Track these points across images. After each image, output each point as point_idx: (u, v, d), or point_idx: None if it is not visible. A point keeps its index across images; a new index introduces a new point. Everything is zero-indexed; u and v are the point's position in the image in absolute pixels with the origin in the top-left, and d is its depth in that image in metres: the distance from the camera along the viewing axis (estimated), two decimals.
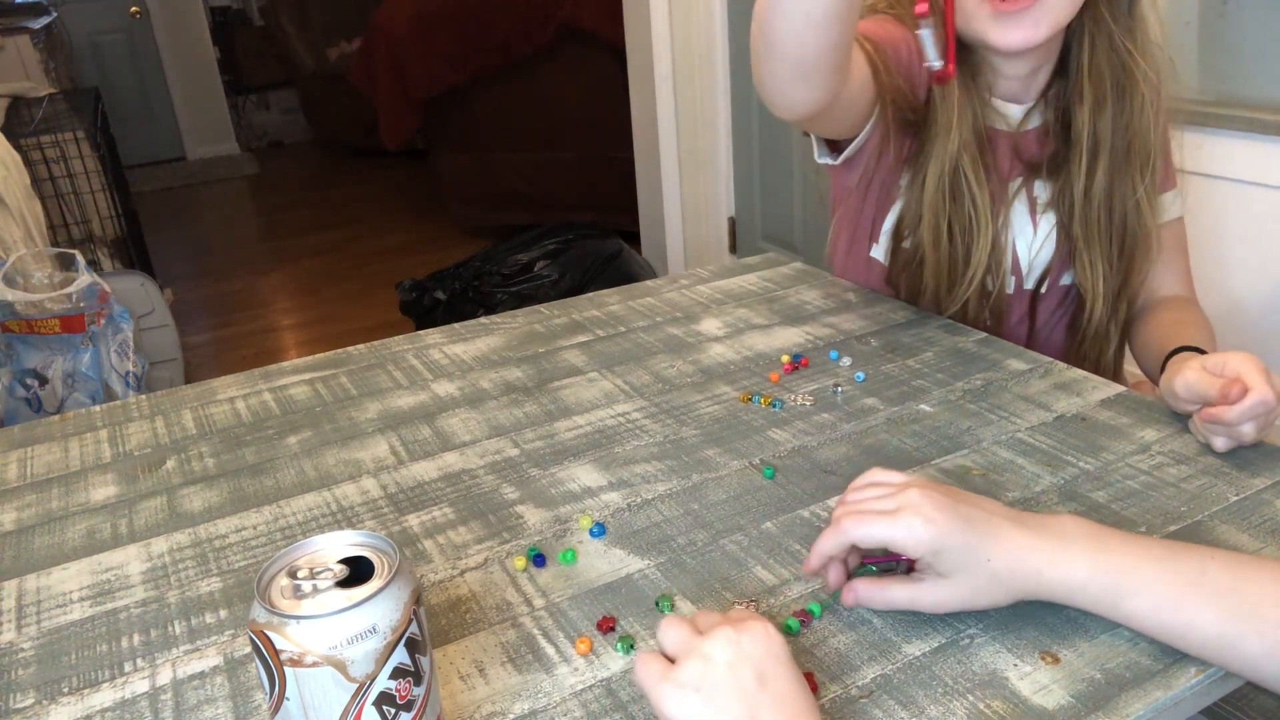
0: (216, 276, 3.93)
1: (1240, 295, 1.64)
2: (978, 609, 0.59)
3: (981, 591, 0.58)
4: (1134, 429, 0.81)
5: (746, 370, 0.96)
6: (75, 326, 2.24)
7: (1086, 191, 0.98)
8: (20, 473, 0.86)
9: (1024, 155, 1.02)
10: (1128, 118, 0.96)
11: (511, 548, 0.71)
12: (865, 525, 0.59)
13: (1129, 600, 0.57)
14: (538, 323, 1.12)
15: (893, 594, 0.60)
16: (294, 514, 0.77)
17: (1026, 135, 1.01)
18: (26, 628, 0.65)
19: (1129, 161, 0.97)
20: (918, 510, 0.57)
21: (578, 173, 3.72)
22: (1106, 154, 0.96)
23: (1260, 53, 1.55)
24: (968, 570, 0.57)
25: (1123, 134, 0.96)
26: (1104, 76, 0.95)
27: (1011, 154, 1.02)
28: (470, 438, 0.87)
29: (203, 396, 0.98)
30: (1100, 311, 1.02)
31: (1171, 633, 0.56)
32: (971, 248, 0.99)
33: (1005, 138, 1.01)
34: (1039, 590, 0.58)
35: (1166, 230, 1.03)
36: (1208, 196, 1.63)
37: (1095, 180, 0.97)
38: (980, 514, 0.58)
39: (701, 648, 0.48)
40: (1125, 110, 0.96)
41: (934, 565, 0.58)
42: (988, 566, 0.57)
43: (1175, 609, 0.56)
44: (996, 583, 0.58)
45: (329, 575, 0.46)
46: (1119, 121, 0.96)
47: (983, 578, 0.58)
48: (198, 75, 5.69)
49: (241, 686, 0.59)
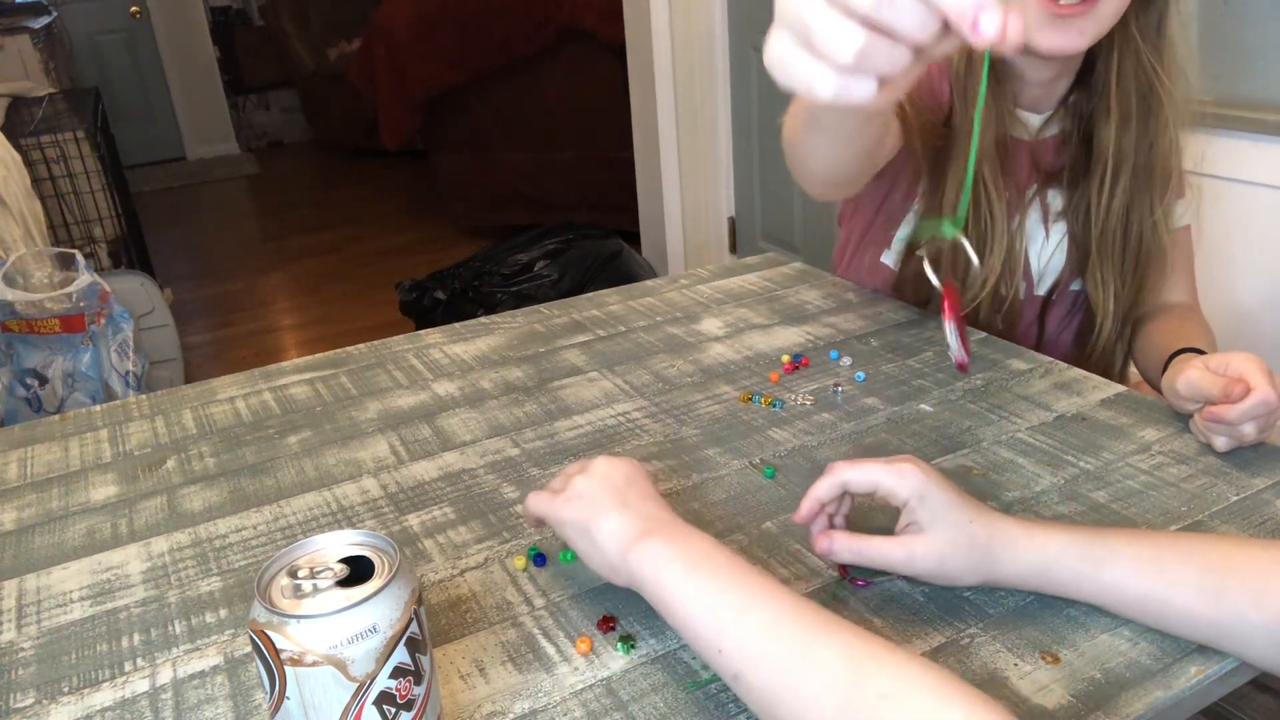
0: (216, 276, 3.93)
1: (1240, 295, 1.64)
2: (946, 578, 0.60)
3: (958, 551, 0.59)
4: (1134, 429, 0.81)
5: (747, 370, 0.96)
6: (75, 326, 2.24)
7: (1107, 207, 0.97)
8: (20, 472, 0.86)
9: (1041, 163, 1.02)
10: (1152, 137, 0.95)
11: (512, 547, 0.71)
12: (858, 467, 0.61)
13: (1109, 566, 0.57)
14: (538, 322, 1.12)
15: (868, 545, 0.61)
16: (294, 513, 0.77)
17: (1044, 144, 1.02)
18: (27, 627, 0.65)
19: (1150, 181, 0.97)
20: (913, 461, 0.61)
21: (578, 173, 3.72)
22: (1128, 172, 0.96)
23: (1260, 53, 1.55)
24: (948, 524, 0.59)
25: (1146, 153, 0.96)
26: (1130, 93, 0.94)
27: (1030, 162, 1.02)
28: (470, 437, 0.87)
29: (203, 396, 0.98)
30: (1109, 329, 1.02)
31: (1156, 598, 0.56)
32: (985, 254, 0.98)
33: (1024, 146, 1.01)
34: (1015, 565, 0.59)
35: (1173, 238, 1.03)
36: (1207, 196, 1.63)
37: (1115, 197, 0.97)
38: (967, 496, 0.61)
39: (581, 471, 0.63)
40: (1150, 130, 0.95)
41: (917, 512, 0.59)
42: (968, 527, 0.59)
43: (1157, 570, 0.56)
44: (974, 546, 0.58)
45: (329, 574, 0.46)
46: (1143, 141, 0.96)
47: (962, 536, 0.59)
48: (198, 75, 5.69)
49: (242, 686, 0.59)
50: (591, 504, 0.60)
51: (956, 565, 0.59)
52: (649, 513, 0.59)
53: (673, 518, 0.59)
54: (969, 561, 0.59)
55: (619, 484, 0.61)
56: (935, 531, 0.59)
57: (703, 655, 0.52)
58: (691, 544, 0.55)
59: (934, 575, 0.60)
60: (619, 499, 0.60)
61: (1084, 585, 0.58)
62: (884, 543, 0.60)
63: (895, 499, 0.60)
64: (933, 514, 0.59)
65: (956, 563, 0.59)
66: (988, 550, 0.59)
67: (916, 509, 0.59)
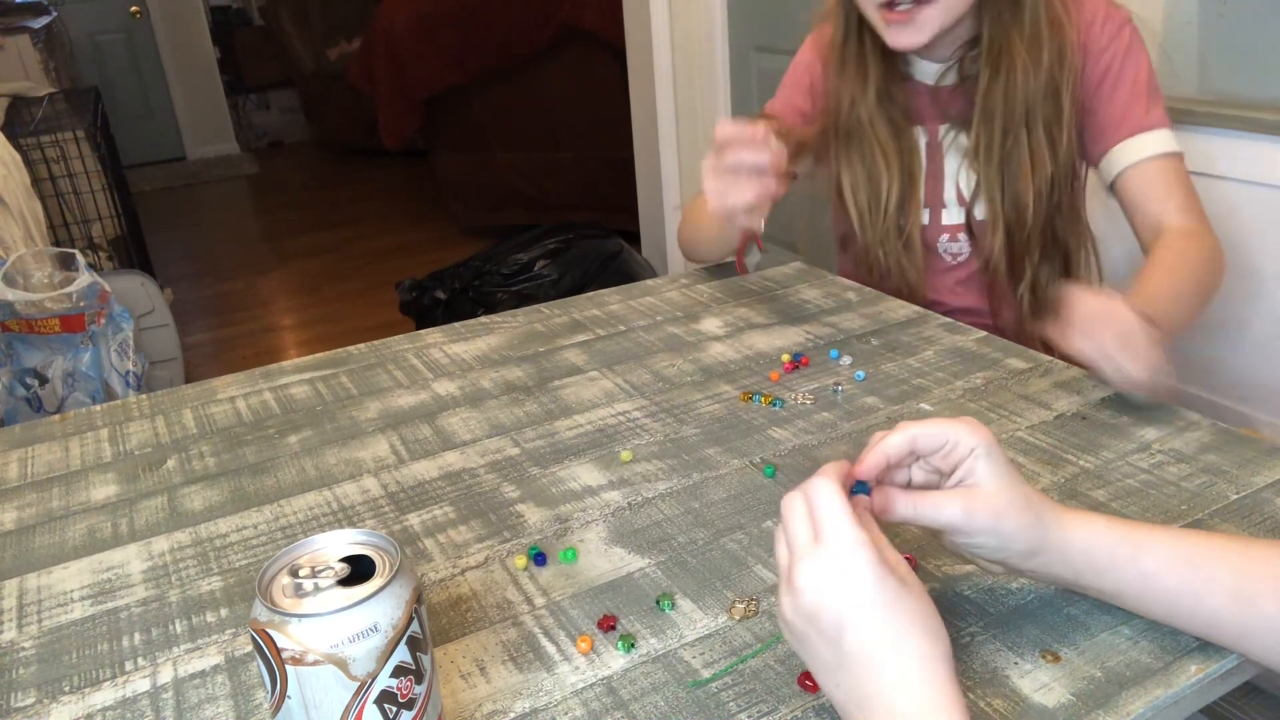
0: (216, 276, 3.93)
1: (1239, 295, 1.64)
2: (996, 540, 0.56)
3: (1014, 510, 0.55)
4: (1134, 427, 0.81)
5: (747, 369, 0.96)
6: (75, 326, 2.24)
7: (987, 147, 1.09)
8: (21, 472, 0.86)
9: (944, 108, 1.13)
10: (1012, 86, 1.05)
11: (512, 546, 0.71)
12: (924, 423, 0.57)
13: (1147, 555, 0.56)
14: (538, 322, 1.12)
15: (924, 501, 0.56)
16: (295, 513, 0.77)
17: (942, 90, 1.12)
18: (27, 627, 0.65)
19: (1023, 123, 1.06)
20: (979, 421, 0.57)
21: (578, 173, 3.72)
22: (999, 117, 1.06)
23: (1260, 53, 1.55)
24: (1007, 483, 0.56)
25: (1013, 100, 1.05)
26: (1000, 48, 1.05)
27: (933, 106, 1.13)
28: (471, 437, 0.87)
29: (203, 396, 0.98)
30: (996, 250, 1.12)
31: (1190, 593, 0.55)
32: (885, 187, 1.13)
33: (926, 91, 1.13)
34: (1060, 539, 0.57)
35: (1155, 165, 1.06)
36: (1207, 196, 1.63)
37: (994, 138, 1.07)
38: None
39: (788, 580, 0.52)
40: (1010, 81, 1.04)
41: (979, 465, 0.56)
42: (1023, 488, 0.56)
43: (1192, 564, 0.55)
44: (1029, 508, 0.56)
45: (330, 574, 0.46)
46: (1010, 91, 1.05)
47: (1018, 496, 0.56)
48: (198, 75, 5.69)
49: (243, 685, 0.59)
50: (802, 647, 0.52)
51: (1010, 526, 0.56)
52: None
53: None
54: (1021, 524, 0.56)
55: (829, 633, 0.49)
56: (993, 485, 0.56)
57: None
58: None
59: (986, 533, 0.56)
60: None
61: (1119, 570, 0.57)
62: (941, 497, 0.56)
63: (958, 450, 0.56)
64: (994, 469, 0.56)
65: (1011, 523, 0.56)
66: (1039, 517, 0.56)
67: (979, 462, 0.56)
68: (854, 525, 0.50)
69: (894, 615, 0.48)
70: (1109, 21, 1.06)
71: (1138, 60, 1.07)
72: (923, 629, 0.49)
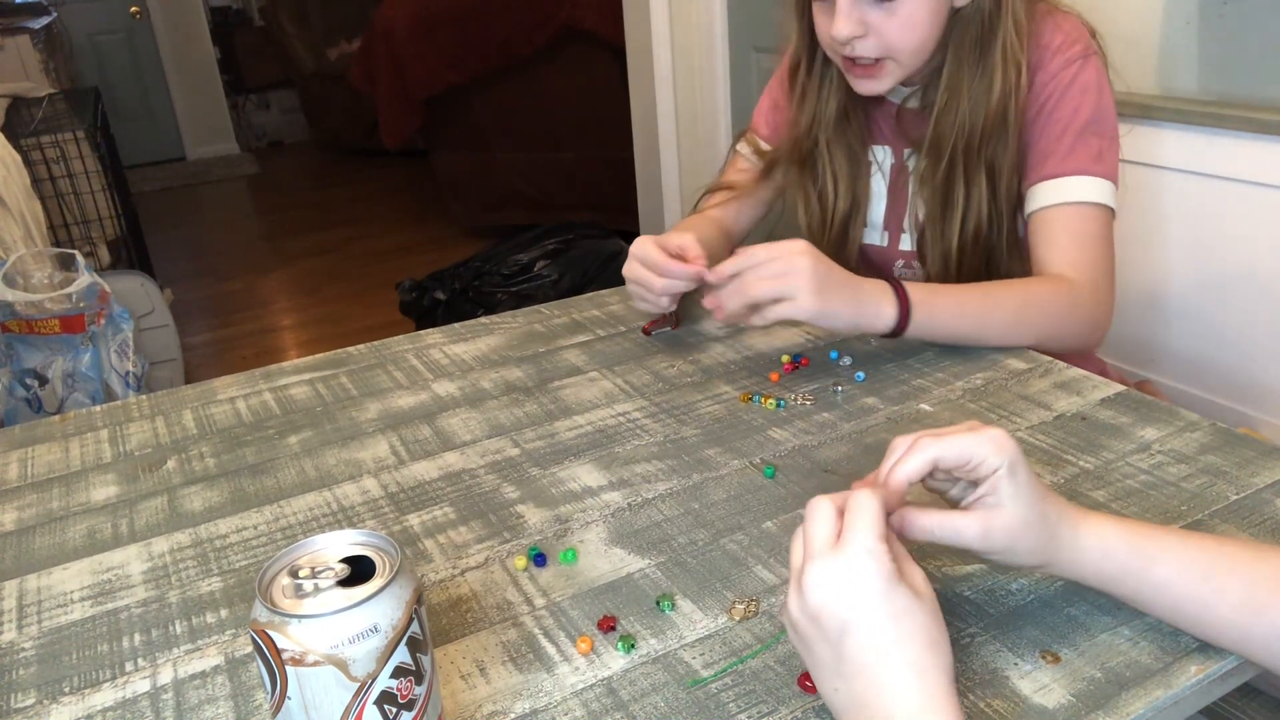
0: (216, 276, 3.93)
1: (1239, 295, 1.64)
2: (1010, 558, 0.57)
3: (1030, 530, 0.56)
4: (1134, 428, 0.81)
5: (747, 370, 0.96)
6: (75, 326, 2.24)
7: (931, 177, 1.07)
8: (21, 473, 0.86)
9: (907, 131, 1.11)
10: (960, 118, 1.03)
11: (512, 547, 0.71)
12: (946, 440, 0.56)
13: (1158, 565, 0.56)
14: (538, 322, 1.12)
15: (943, 521, 0.56)
16: (295, 513, 0.77)
17: (907, 113, 1.11)
18: (27, 627, 0.65)
19: (964, 154, 1.04)
20: (1000, 430, 0.57)
21: (578, 173, 3.72)
22: (946, 147, 1.05)
23: (1260, 53, 1.55)
24: (1027, 502, 0.55)
25: (961, 130, 1.03)
26: (956, 80, 1.03)
27: (899, 127, 1.12)
28: (471, 437, 0.87)
29: (203, 396, 0.98)
30: (934, 275, 1.11)
31: (1199, 602, 0.55)
32: (831, 203, 1.15)
33: (894, 113, 1.12)
34: (1073, 551, 0.57)
35: (1057, 213, 1.00)
36: (1207, 196, 1.63)
37: (938, 173, 1.06)
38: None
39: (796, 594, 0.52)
40: (959, 112, 1.03)
41: (1001, 484, 0.55)
42: (1040, 505, 0.56)
43: (1204, 575, 0.55)
44: (1044, 527, 0.56)
45: (330, 574, 0.46)
46: (959, 121, 1.03)
47: (1035, 515, 0.56)
48: (198, 75, 5.69)
49: (243, 686, 0.59)
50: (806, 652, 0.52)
51: (1026, 545, 0.56)
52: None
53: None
54: (1037, 543, 0.56)
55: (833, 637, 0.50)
56: (1013, 508, 0.55)
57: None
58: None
59: (1001, 554, 0.57)
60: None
61: (1129, 581, 0.57)
62: (958, 519, 0.56)
63: (983, 470, 0.56)
64: (1016, 488, 0.55)
65: (1027, 543, 0.56)
66: (1054, 533, 0.56)
67: (1002, 481, 0.55)
68: (876, 537, 0.50)
69: (898, 625, 0.48)
70: (1061, 53, 1.00)
71: (1078, 99, 1.00)
72: (925, 641, 0.49)
